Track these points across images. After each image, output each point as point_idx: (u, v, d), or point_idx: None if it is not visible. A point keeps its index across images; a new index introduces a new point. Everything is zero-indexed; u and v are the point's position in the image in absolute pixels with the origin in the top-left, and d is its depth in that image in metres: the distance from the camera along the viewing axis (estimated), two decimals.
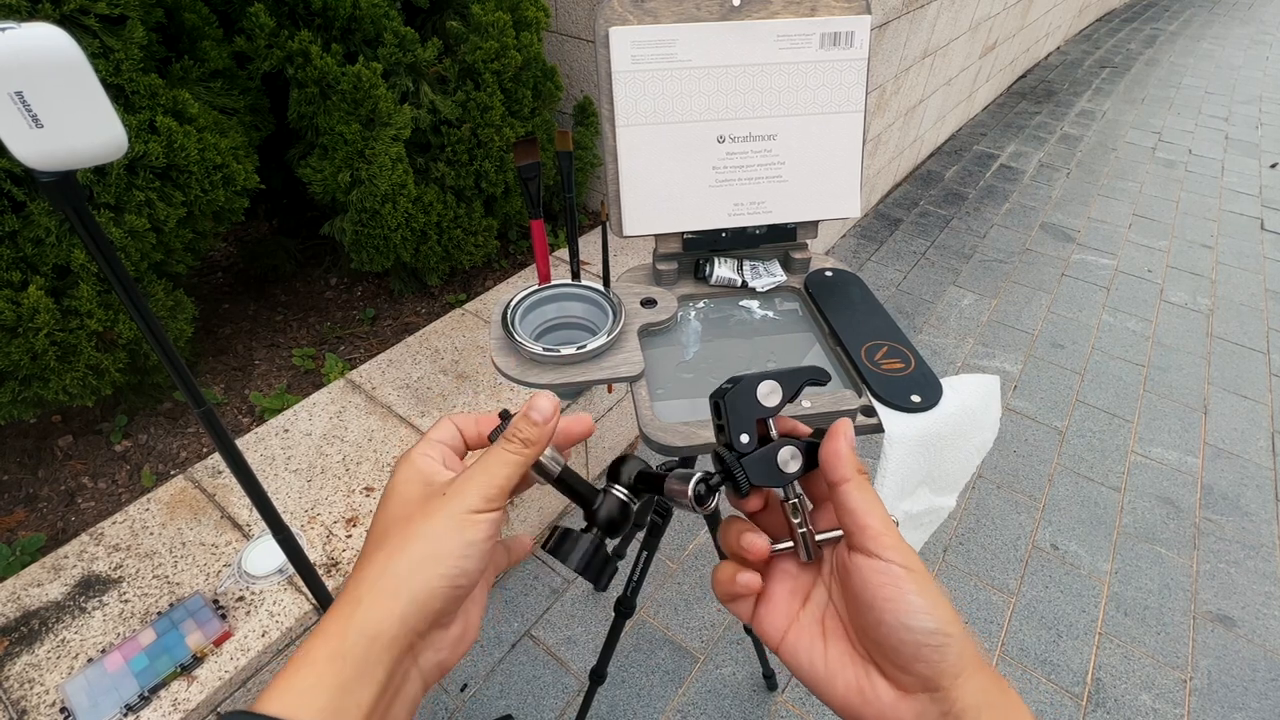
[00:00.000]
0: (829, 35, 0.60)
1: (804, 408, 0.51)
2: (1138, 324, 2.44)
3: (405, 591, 0.26)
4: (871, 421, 0.54)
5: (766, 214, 0.66)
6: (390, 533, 0.28)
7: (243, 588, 1.04)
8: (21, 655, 0.95)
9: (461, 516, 0.28)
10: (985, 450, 0.57)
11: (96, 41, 1.09)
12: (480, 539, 0.28)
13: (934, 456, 0.54)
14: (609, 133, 0.60)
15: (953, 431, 0.54)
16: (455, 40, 1.59)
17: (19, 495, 1.30)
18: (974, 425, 0.55)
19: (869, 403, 0.55)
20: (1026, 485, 1.81)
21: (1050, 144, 3.72)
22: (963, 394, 0.54)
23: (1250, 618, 1.54)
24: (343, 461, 1.25)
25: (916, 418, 0.53)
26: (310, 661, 0.25)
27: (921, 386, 0.54)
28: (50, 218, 1.09)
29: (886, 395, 0.54)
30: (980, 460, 0.58)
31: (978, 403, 0.55)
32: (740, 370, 0.56)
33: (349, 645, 0.25)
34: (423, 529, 0.27)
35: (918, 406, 0.53)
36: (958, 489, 0.59)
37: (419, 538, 0.27)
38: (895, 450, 0.52)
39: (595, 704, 1.28)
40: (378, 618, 0.26)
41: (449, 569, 0.27)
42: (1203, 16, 6.53)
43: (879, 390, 0.54)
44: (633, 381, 0.57)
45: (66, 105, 0.36)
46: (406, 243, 1.59)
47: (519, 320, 0.59)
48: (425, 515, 0.28)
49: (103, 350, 1.22)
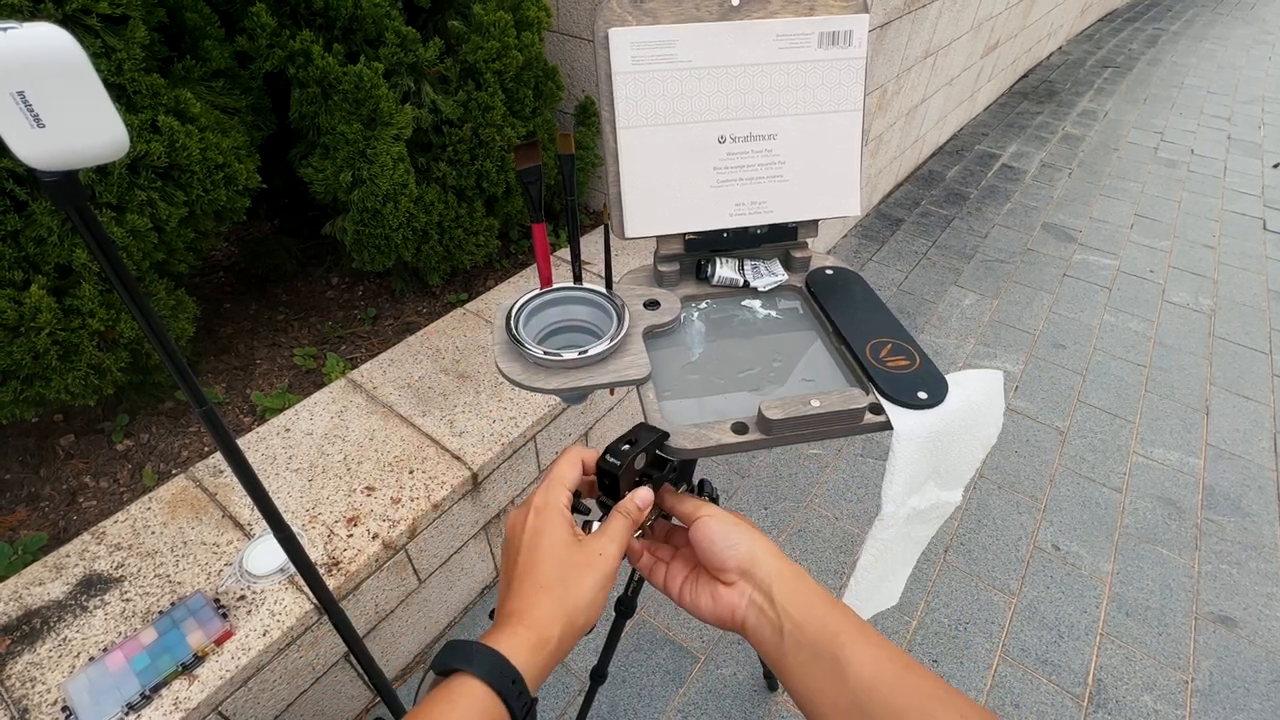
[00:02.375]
0: (827, 34, 0.60)
1: (812, 407, 0.51)
2: (1139, 324, 2.44)
3: (580, 622, 0.41)
4: (879, 419, 0.53)
5: (768, 214, 0.66)
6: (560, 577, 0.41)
7: (244, 587, 1.04)
8: (23, 654, 0.95)
9: (609, 577, 0.43)
10: (990, 444, 0.57)
11: (98, 41, 1.09)
12: (613, 566, 0.43)
13: (941, 452, 0.54)
14: (609, 135, 0.60)
15: (959, 427, 0.54)
16: (457, 40, 1.59)
17: (21, 494, 1.31)
18: (979, 420, 0.55)
19: (876, 400, 0.54)
20: (1028, 486, 1.81)
21: (1052, 144, 3.72)
22: (968, 389, 0.54)
23: (1252, 619, 1.53)
24: (344, 461, 1.25)
25: (924, 414, 0.52)
26: (516, 639, 0.38)
27: (927, 383, 0.54)
28: (52, 217, 1.09)
29: (893, 393, 0.53)
30: (985, 454, 0.58)
31: (982, 398, 0.55)
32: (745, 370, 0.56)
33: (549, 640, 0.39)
34: (587, 580, 0.41)
35: (925, 403, 0.53)
36: (963, 483, 0.59)
37: (585, 586, 0.41)
38: (904, 447, 0.52)
39: (596, 703, 1.28)
40: (559, 636, 0.39)
41: (599, 608, 0.42)
42: (1205, 17, 6.51)
43: (885, 388, 0.54)
44: (640, 385, 0.57)
45: (68, 105, 0.36)
46: (408, 242, 1.59)
47: (523, 325, 0.59)
48: (585, 567, 0.42)
49: (104, 349, 1.22)
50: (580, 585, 0.41)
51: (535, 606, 0.39)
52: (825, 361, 0.62)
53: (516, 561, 0.42)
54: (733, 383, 0.60)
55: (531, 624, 0.39)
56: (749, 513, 1.70)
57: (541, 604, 0.40)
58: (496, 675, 0.35)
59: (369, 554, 1.11)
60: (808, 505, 1.72)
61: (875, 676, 0.38)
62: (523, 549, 0.42)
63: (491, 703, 0.35)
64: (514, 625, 0.38)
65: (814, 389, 0.58)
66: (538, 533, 0.42)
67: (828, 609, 0.42)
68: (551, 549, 0.42)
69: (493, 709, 0.35)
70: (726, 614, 0.45)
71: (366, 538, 1.13)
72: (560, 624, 0.39)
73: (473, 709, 0.34)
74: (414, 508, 1.18)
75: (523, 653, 0.37)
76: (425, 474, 1.24)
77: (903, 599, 1.53)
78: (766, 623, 0.43)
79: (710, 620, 0.46)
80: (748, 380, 0.60)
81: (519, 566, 0.42)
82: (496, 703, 0.35)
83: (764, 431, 0.52)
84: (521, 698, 0.36)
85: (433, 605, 1.36)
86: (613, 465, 0.46)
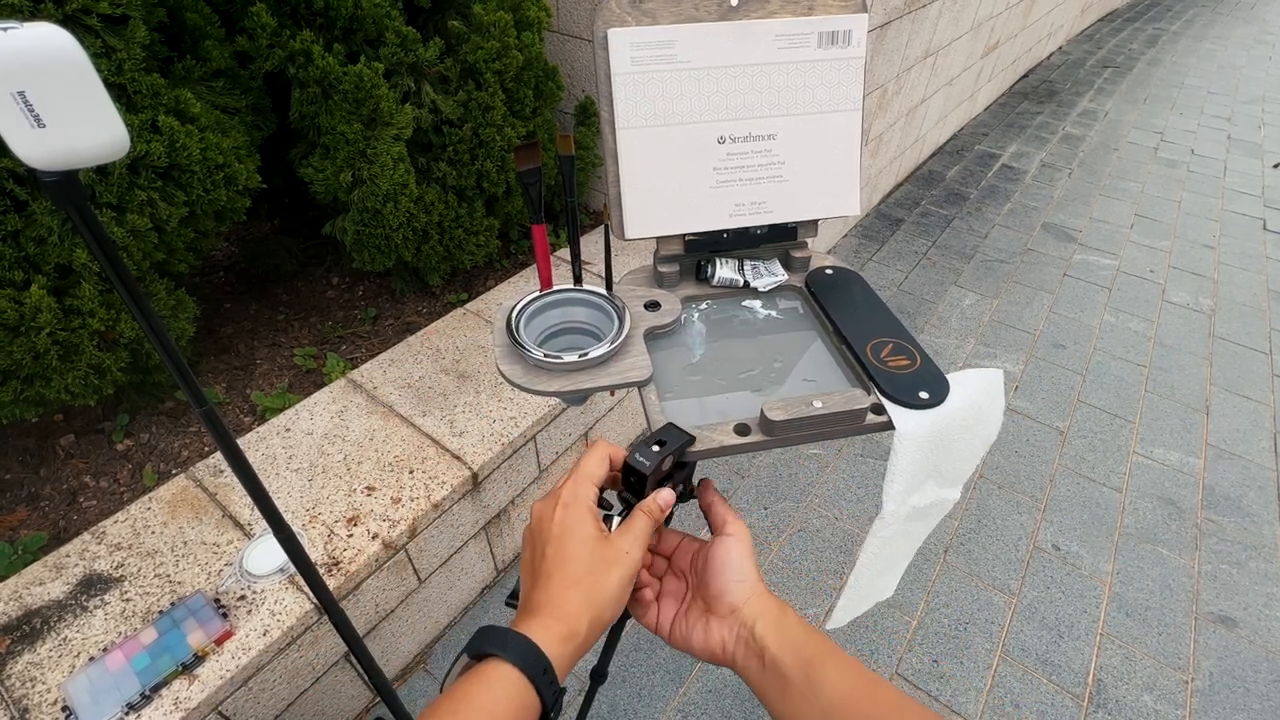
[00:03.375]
0: (826, 34, 0.60)
1: (815, 408, 0.51)
2: (1139, 324, 2.44)
3: (606, 616, 0.43)
4: (881, 420, 0.53)
5: (768, 214, 0.66)
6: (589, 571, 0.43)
7: (244, 587, 1.04)
8: (23, 654, 0.95)
9: (633, 574, 0.44)
10: (990, 443, 0.57)
11: (99, 41, 1.09)
12: (637, 564, 0.45)
13: (942, 451, 0.54)
14: (609, 135, 0.60)
15: (960, 426, 0.54)
16: (457, 40, 1.59)
17: (21, 494, 1.31)
18: (980, 419, 0.55)
19: (877, 400, 0.54)
20: (1028, 486, 1.81)
21: (1052, 144, 3.72)
22: (969, 389, 0.54)
23: (1252, 619, 1.53)
24: (344, 461, 1.25)
25: (926, 414, 0.52)
26: (549, 631, 0.39)
27: (929, 383, 0.54)
28: (52, 217, 1.09)
29: (894, 393, 0.53)
30: (985, 452, 0.58)
31: (983, 397, 0.55)
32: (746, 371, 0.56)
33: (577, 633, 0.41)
34: (614, 576, 0.43)
35: (926, 403, 0.53)
36: (963, 480, 0.59)
37: (611, 583, 0.43)
38: (906, 447, 0.52)
39: (596, 703, 1.28)
40: (587, 630, 0.41)
41: (623, 603, 0.44)
42: (1205, 17, 6.51)
43: (887, 388, 0.54)
44: (641, 386, 0.57)
45: (69, 105, 0.36)
46: (408, 242, 1.59)
47: (523, 327, 0.59)
48: (613, 563, 0.43)
49: (104, 349, 1.22)
50: (608, 581, 0.43)
51: (566, 601, 0.41)
52: (826, 361, 0.62)
53: (545, 554, 0.44)
54: (734, 383, 0.60)
55: (562, 617, 0.40)
56: (749, 513, 1.70)
57: (571, 598, 0.41)
58: (530, 663, 0.37)
59: (369, 554, 1.11)
60: (808, 505, 1.72)
61: (847, 694, 0.41)
62: (551, 542, 0.44)
63: (525, 688, 0.37)
64: (544, 617, 0.40)
65: (815, 389, 0.58)
66: (567, 528, 0.44)
67: (806, 638, 0.44)
68: (581, 545, 0.43)
69: (526, 695, 0.37)
70: (717, 648, 0.46)
71: (366, 537, 1.13)
72: (588, 617, 0.41)
73: (507, 693, 0.36)
74: (414, 507, 1.18)
75: (554, 644, 0.39)
76: (425, 474, 1.24)
77: (903, 598, 1.53)
78: (752, 655, 0.45)
79: (701, 655, 0.47)
80: (749, 381, 0.60)
81: (548, 560, 0.43)
82: (529, 689, 0.37)
83: (766, 433, 0.52)
84: (552, 686, 0.38)
85: (433, 605, 1.36)
86: (642, 465, 0.46)
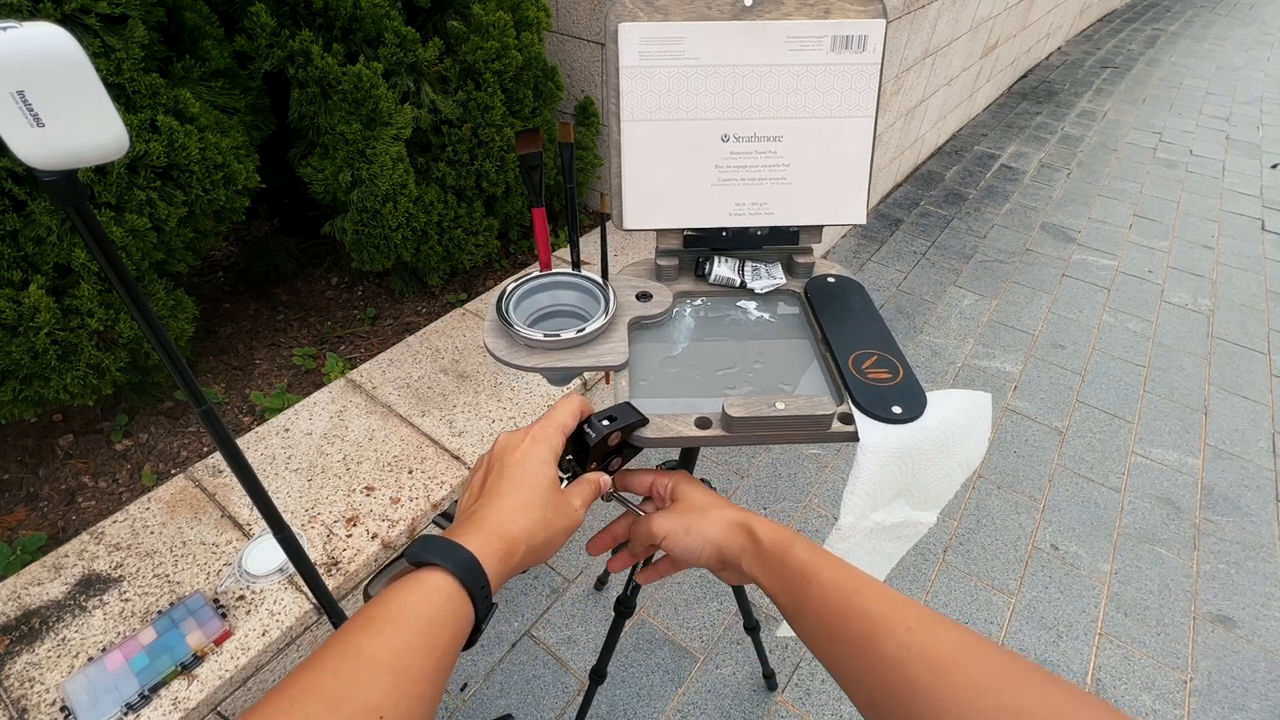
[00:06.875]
0: (840, 38, 0.60)
1: (777, 409, 0.51)
2: (1138, 324, 2.44)
3: (538, 556, 0.44)
4: (848, 429, 0.53)
5: (768, 215, 0.66)
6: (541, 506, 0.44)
7: (243, 587, 1.04)
8: (22, 654, 0.95)
9: (573, 530, 0.46)
10: (970, 468, 0.56)
11: (98, 41, 1.09)
12: (578, 523, 0.46)
13: (911, 470, 0.53)
14: (614, 127, 0.60)
15: (934, 446, 0.53)
16: (456, 40, 1.59)
17: (20, 494, 1.31)
18: (958, 442, 0.54)
19: (847, 409, 0.54)
20: (1027, 486, 1.81)
21: (1051, 144, 3.72)
22: (949, 409, 0.53)
23: (1250, 618, 1.54)
24: (343, 461, 1.25)
25: (894, 429, 0.52)
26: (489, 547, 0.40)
27: (905, 398, 0.53)
28: (51, 217, 1.09)
29: (866, 404, 0.53)
30: (965, 478, 0.56)
31: (964, 419, 0.54)
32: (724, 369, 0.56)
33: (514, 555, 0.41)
34: (561, 522, 0.44)
35: (897, 418, 0.52)
36: (939, 505, 0.58)
37: (558, 527, 0.44)
38: (868, 459, 0.51)
39: (595, 703, 1.28)
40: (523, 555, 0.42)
41: (554, 551, 0.45)
42: (1204, 17, 6.52)
43: (860, 398, 0.53)
44: (615, 371, 0.57)
45: (68, 104, 0.36)
46: (407, 242, 1.59)
47: (513, 306, 0.60)
48: (561, 511, 0.45)
49: (103, 349, 1.22)
50: (555, 524, 0.44)
51: (512, 523, 0.42)
52: (809, 368, 0.62)
53: (503, 475, 0.44)
54: (709, 380, 0.60)
55: (504, 535, 0.41)
56: None
57: (518, 521, 0.42)
58: (468, 574, 0.38)
59: (368, 554, 1.11)
60: (807, 505, 1.72)
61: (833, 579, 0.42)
62: (511, 466, 0.45)
63: (463, 600, 0.37)
64: (486, 533, 0.40)
65: (780, 393, 0.58)
66: (531, 459, 0.45)
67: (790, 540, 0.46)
68: (540, 479, 0.44)
69: (463, 606, 0.37)
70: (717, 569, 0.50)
71: (366, 537, 1.13)
72: (526, 546, 0.42)
73: (447, 602, 0.37)
74: (413, 507, 1.18)
75: (492, 560, 0.39)
76: (424, 474, 1.24)
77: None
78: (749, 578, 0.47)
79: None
80: (725, 379, 0.60)
81: (505, 480, 0.44)
82: (466, 601, 0.38)
83: (726, 429, 0.52)
84: (487, 600, 0.39)
85: None
86: (588, 435, 0.48)
